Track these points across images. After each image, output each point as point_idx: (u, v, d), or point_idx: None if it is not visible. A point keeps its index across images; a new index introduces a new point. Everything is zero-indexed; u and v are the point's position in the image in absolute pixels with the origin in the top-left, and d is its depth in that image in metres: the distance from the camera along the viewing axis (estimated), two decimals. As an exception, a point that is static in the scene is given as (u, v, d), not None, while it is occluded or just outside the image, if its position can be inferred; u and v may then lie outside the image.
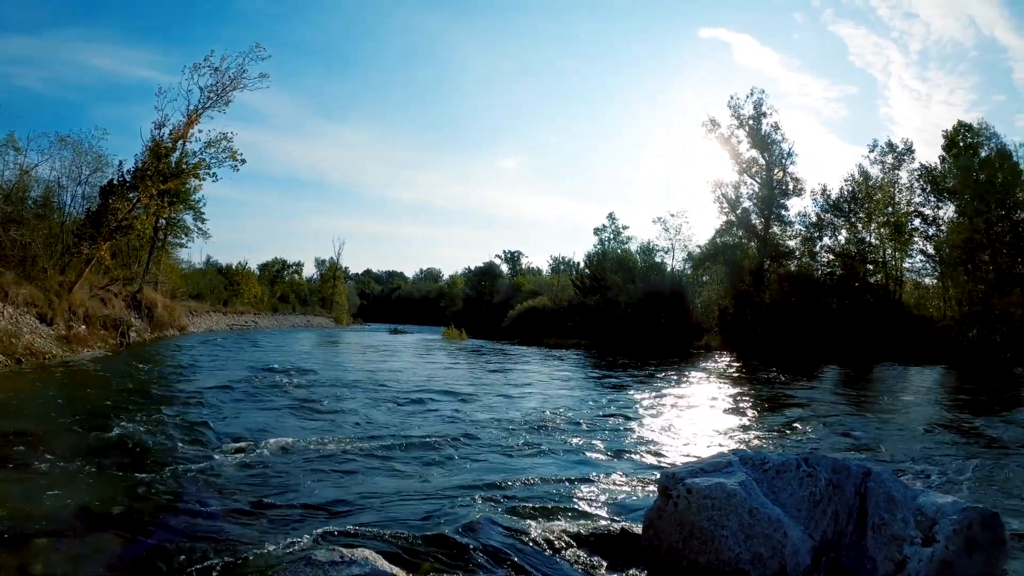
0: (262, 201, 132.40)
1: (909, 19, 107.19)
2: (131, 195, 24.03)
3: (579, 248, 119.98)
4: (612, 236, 53.36)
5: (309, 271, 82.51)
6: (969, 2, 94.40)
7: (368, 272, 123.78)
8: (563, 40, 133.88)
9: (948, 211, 36.49)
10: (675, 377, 20.52)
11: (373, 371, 18.98)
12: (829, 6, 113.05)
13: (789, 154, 40.53)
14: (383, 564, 3.85)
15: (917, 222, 37.36)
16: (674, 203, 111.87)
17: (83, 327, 21.36)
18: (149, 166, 23.98)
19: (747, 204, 41.70)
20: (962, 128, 37.07)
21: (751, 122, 40.65)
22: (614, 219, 53.75)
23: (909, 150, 38.23)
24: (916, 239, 37.43)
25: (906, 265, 38.19)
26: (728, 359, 30.32)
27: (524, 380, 18.57)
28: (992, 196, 32.34)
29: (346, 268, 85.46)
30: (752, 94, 40.74)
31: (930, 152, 70.95)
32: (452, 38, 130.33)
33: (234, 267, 61.23)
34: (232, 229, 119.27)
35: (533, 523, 5.47)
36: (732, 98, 41.11)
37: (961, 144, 36.39)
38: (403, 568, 4.18)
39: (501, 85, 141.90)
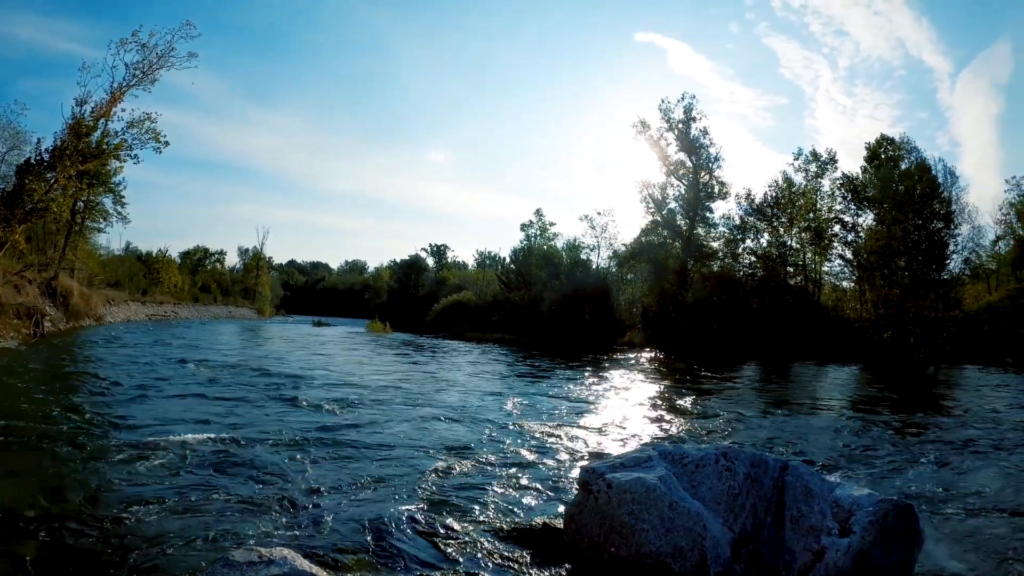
0: (185, 186, 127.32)
1: (840, 36, 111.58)
2: (48, 175, 22.58)
3: (505, 243, 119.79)
4: (539, 232, 52.89)
5: (232, 260, 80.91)
6: (899, 24, 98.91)
7: (292, 263, 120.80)
8: (498, 36, 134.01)
9: (867, 219, 37.55)
10: (597, 373, 20.62)
11: (298, 365, 18.16)
12: (764, 19, 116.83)
13: (716, 158, 40.88)
14: (302, 563, 3.74)
15: (837, 228, 38.28)
16: (601, 202, 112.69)
17: (-6, 315, 20.00)
18: (68, 145, 22.51)
19: (673, 205, 41.88)
20: (884, 141, 38.30)
21: (680, 126, 40.75)
22: (541, 215, 53.29)
23: (832, 160, 39.20)
24: (836, 244, 38.40)
25: (825, 268, 39.28)
26: (650, 356, 30.71)
27: (446, 374, 18.32)
28: (910, 206, 33.43)
29: (270, 258, 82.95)
30: (683, 99, 40.83)
31: (852, 163, 73.72)
32: (388, 28, 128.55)
33: (154, 254, 59.01)
34: (153, 214, 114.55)
35: (455, 519, 5.43)
36: (663, 101, 41.29)
37: (883, 156, 37.54)
38: (324, 567, 4.11)
39: (434, 77, 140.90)
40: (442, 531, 5.15)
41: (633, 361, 26.81)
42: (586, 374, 19.82)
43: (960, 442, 9.91)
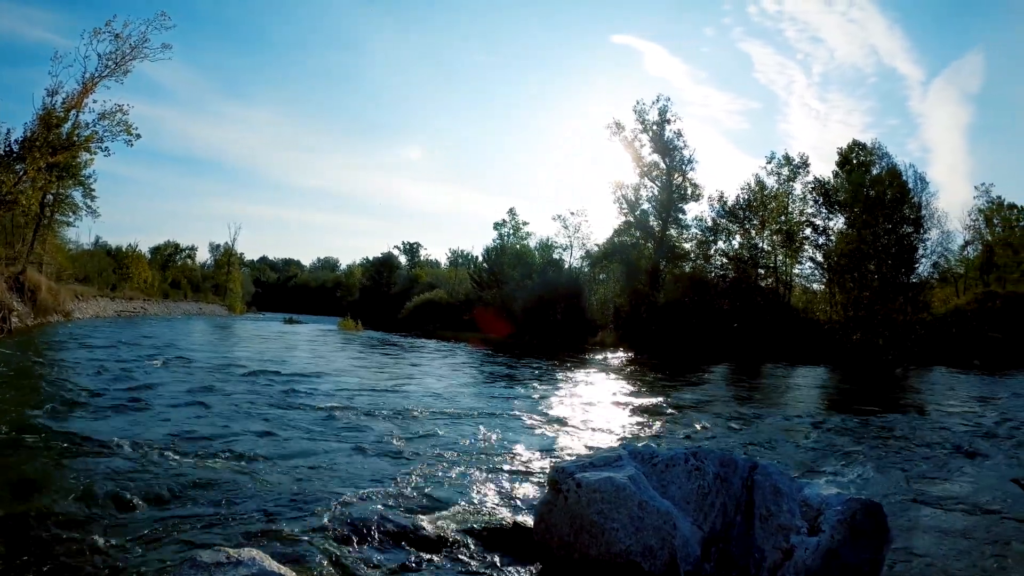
0: (156, 180, 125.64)
1: (815, 43, 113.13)
2: (17, 167, 22.50)
3: (478, 242, 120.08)
4: (512, 231, 52.82)
5: (203, 256, 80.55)
6: (873, 32, 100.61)
7: (264, 259, 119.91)
8: (475, 34, 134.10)
9: (838, 222, 37.88)
10: (568, 372, 20.41)
11: (269, 361, 17.82)
12: (739, 24, 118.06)
13: (689, 160, 41.13)
14: (271, 564, 3.67)
15: (808, 231, 38.65)
16: (575, 202, 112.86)
17: (-40, 311, 19.27)
18: (38, 136, 22.41)
19: (646, 206, 42.02)
20: (856, 146, 38.67)
21: (655, 128, 40.92)
22: (514, 214, 53.20)
23: (804, 164, 39.53)
24: (806, 247, 38.77)
25: (796, 271, 39.66)
26: (622, 356, 30.58)
27: (417, 373, 18.02)
28: (880, 211, 33.85)
29: (241, 254, 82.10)
30: (658, 100, 41.05)
31: (824, 167, 74.57)
32: (364, 23, 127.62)
33: (124, 249, 58.42)
34: (123, 208, 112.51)
35: (425, 519, 5.35)
36: (638, 103, 41.38)
37: (854, 161, 37.94)
38: (292, 567, 4.01)
39: (410, 74, 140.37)
40: (412, 531, 5.07)
41: (605, 361, 26.64)
42: (558, 374, 19.58)
43: (928, 441, 9.82)
